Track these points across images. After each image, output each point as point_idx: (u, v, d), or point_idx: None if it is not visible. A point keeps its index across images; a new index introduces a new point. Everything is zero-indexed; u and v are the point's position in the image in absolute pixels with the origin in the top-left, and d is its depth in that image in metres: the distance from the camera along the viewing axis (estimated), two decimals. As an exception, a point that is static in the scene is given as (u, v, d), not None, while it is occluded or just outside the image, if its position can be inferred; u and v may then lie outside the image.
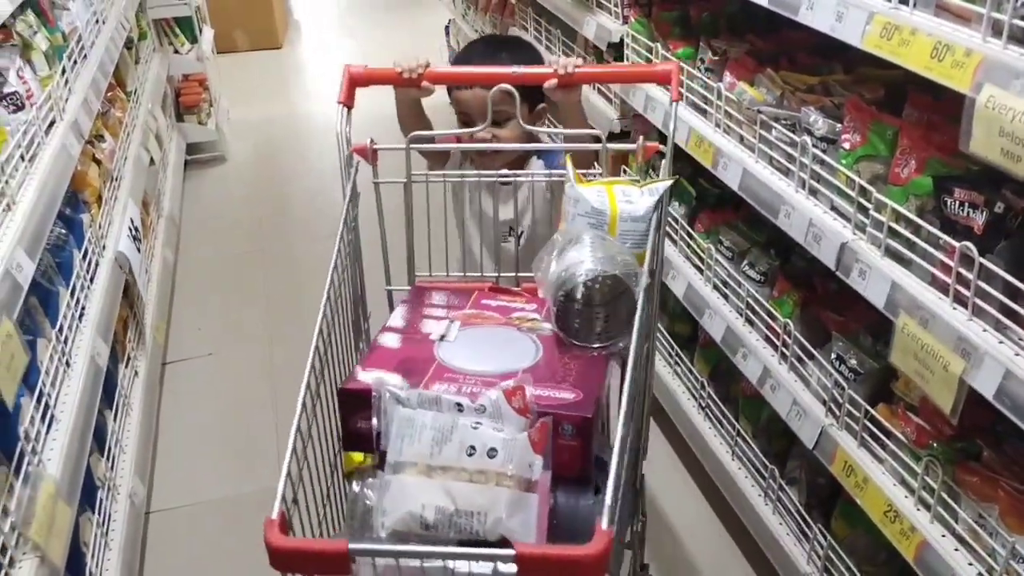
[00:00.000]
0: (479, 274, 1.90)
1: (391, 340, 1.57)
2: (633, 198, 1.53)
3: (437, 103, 2.05)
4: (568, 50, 3.40)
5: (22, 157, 2.15)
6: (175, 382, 3.36)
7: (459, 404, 1.28)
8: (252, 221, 4.77)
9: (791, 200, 1.93)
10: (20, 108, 2.19)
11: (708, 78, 2.31)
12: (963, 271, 1.48)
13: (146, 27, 4.96)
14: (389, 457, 1.24)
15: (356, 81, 1.79)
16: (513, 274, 1.85)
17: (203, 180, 5.30)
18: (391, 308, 1.81)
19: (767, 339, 2.20)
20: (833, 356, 1.94)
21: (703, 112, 2.36)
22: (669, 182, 1.56)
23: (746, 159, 2.12)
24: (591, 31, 2.93)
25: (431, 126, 2.10)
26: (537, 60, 2.20)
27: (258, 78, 7.21)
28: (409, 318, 1.65)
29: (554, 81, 1.77)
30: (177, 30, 5.41)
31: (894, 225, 1.63)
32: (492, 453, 1.21)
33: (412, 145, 1.79)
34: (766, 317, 2.19)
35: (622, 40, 2.78)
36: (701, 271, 2.49)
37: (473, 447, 1.21)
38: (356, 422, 1.36)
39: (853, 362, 1.89)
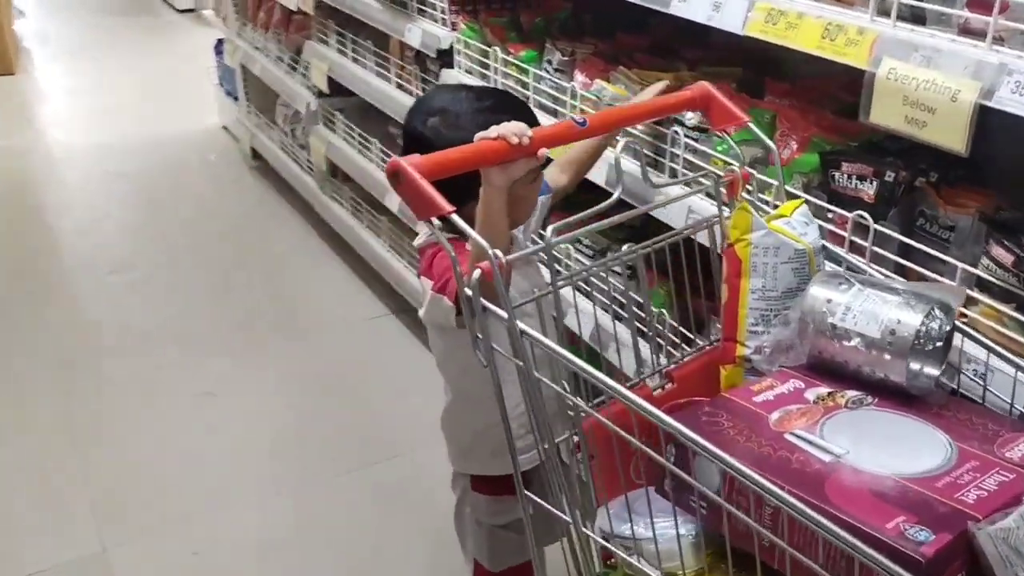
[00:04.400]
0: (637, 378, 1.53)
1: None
2: (800, 228, 1.43)
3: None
4: (383, 60, 3.31)
5: None
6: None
7: None
8: (13, 260, 4.22)
9: (665, 190, 1.98)
10: None
11: (559, 79, 2.33)
12: (856, 239, 1.59)
13: None
14: None
15: (433, 172, 1.25)
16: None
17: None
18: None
19: (639, 332, 2.24)
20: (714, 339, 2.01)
21: (553, 112, 2.37)
22: (803, 204, 1.48)
23: (608, 154, 2.15)
24: (416, 39, 2.87)
25: None
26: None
27: (-7, 106, 6.44)
28: (739, 450, 1.19)
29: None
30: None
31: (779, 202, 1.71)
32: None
33: (556, 239, 1.36)
34: (636, 309, 2.23)
35: (452, 47, 2.74)
36: (558, 272, 2.49)
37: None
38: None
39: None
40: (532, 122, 1.61)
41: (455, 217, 1.21)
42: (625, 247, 1.46)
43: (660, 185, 1.50)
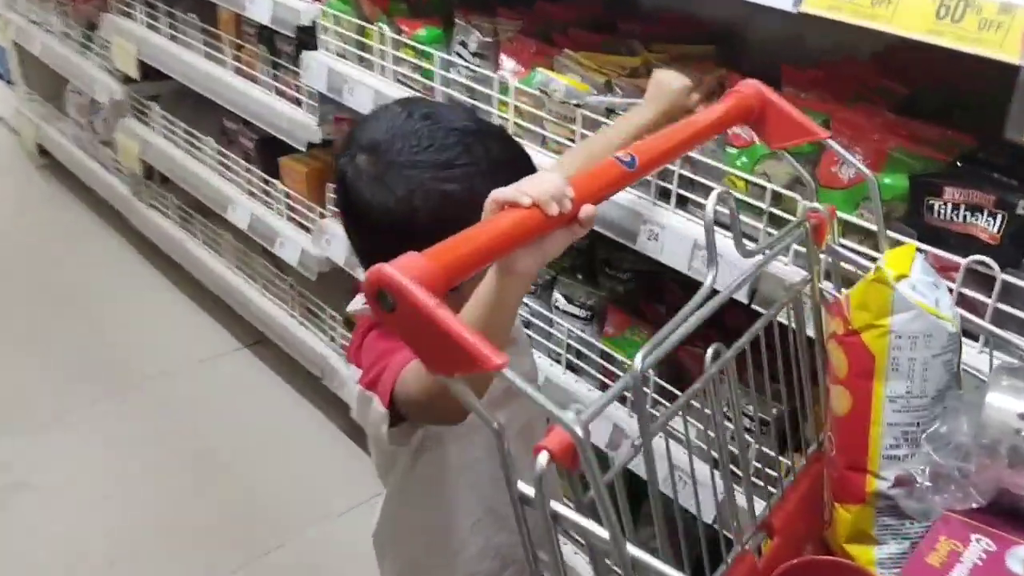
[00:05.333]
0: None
1: None
2: (929, 294, 0.98)
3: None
4: (212, 38, 2.61)
5: None
6: None
7: None
8: None
9: (656, 218, 1.50)
10: None
11: (479, 66, 1.78)
12: (965, 291, 1.17)
13: None
14: None
15: (450, 281, 0.72)
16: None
17: None
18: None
19: (603, 388, 1.77)
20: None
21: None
22: (917, 252, 1.02)
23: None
24: (263, 14, 2.21)
25: None
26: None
27: None
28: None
29: None
30: None
31: (844, 241, 1.27)
32: None
33: (645, 363, 0.80)
34: (600, 360, 1.76)
35: (315, 24, 2.12)
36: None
37: None
38: None
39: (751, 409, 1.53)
40: (531, 170, 1.08)
41: (510, 374, 0.67)
42: (711, 350, 0.96)
43: (754, 252, 1.02)
